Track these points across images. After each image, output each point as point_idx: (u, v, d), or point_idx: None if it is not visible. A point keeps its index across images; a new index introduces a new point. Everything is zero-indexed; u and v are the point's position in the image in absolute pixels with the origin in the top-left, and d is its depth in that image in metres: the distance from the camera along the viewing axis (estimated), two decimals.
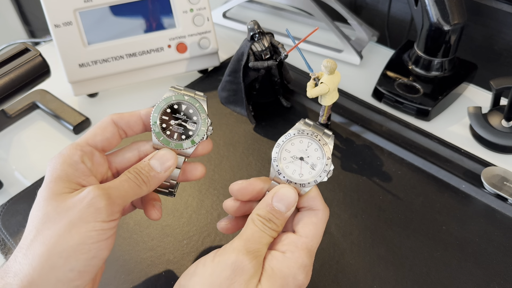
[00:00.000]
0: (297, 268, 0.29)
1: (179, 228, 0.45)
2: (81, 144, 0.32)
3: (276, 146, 0.33)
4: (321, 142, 0.33)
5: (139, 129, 0.36)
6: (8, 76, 0.49)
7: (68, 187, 0.30)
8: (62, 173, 0.30)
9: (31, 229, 0.28)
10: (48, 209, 0.28)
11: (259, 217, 0.31)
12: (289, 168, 0.32)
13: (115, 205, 0.29)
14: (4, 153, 0.56)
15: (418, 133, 0.54)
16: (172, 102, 0.35)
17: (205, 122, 0.34)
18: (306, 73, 0.63)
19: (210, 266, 0.28)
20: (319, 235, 0.31)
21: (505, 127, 0.53)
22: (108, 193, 0.29)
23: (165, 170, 0.33)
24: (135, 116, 0.35)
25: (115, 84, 0.61)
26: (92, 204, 0.28)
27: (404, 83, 0.59)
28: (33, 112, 0.61)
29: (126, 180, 0.31)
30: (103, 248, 0.29)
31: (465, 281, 0.40)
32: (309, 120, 0.34)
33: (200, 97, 0.35)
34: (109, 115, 0.35)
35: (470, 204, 0.47)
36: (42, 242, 0.27)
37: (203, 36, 0.61)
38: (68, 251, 0.27)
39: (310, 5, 0.67)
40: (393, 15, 0.77)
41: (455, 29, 0.56)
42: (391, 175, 0.50)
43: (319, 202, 0.32)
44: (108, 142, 0.34)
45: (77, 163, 0.31)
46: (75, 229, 0.27)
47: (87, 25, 0.57)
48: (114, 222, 0.29)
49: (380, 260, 0.42)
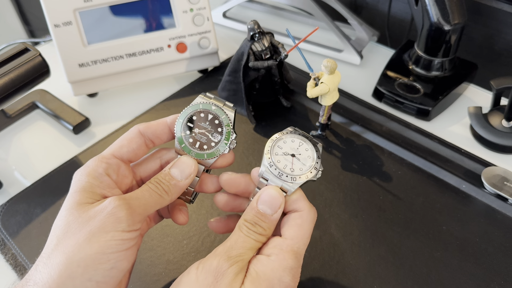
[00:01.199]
0: (282, 270, 0.29)
1: (179, 228, 0.45)
2: (106, 156, 0.32)
3: (269, 141, 0.33)
4: (312, 142, 0.33)
5: (167, 137, 0.35)
6: (8, 76, 0.49)
7: (91, 198, 0.29)
8: (86, 184, 0.30)
9: (53, 239, 0.28)
10: (69, 218, 0.28)
11: (245, 222, 0.31)
12: (281, 162, 0.32)
13: (136, 214, 0.29)
14: (4, 153, 0.56)
15: (418, 133, 0.54)
16: (199, 109, 0.34)
17: (229, 135, 0.33)
18: (306, 73, 0.63)
19: (194, 274, 0.28)
20: (305, 236, 0.31)
21: (505, 127, 0.53)
22: (129, 202, 0.29)
23: (186, 177, 0.32)
24: (162, 124, 0.34)
25: (115, 84, 0.61)
26: (112, 213, 0.28)
27: (405, 83, 0.59)
28: (33, 112, 0.61)
29: (148, 190, 0.31)
30: (122, 258, 0.28)
31: (465, 281, 0.40)
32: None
33: (229, 108, 0.34)
34: (136, 125, 0.34)
35: (471, 204, 0.46)
36: (62, 251, 0.27)
37: (203, 36, 0.61)
38: (86, 261, 0.27)
39: (310, 5, 0.66)
40: (394, 15, 0.76)
41: (455, 29, 0.56)
42: (392, 175, 0.50)
43: (303, 203, 0.32)
44: (134, 154, 0.33)
45: (102, 175, 0.31)
46: (95, 238, 0.27)
47: (87, 25, 0.57)
48: (135, 233, 0.29)
49: (380, 260, 0.42)
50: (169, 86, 0.64)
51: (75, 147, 0.56)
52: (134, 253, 0.30)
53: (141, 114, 0.59)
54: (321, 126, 0.53)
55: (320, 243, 0.43)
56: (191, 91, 0.62)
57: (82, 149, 0.55)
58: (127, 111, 0.60)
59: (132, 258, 0.29)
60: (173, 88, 0.63)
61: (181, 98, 0.61)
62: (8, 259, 0.44)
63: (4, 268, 0.44)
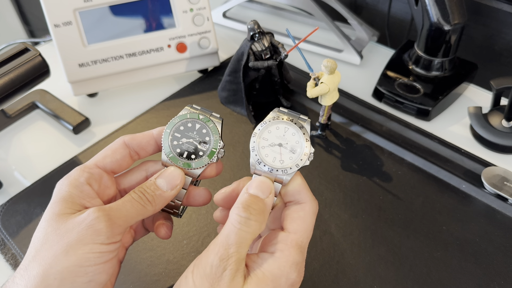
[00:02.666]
0: (289, 267, 0.28)
1: (179, 228, 0.45)
2: (89, 166, 0.32)
3: (252, 135, 0.32)
4: (297, 125, 0.32)
5: (152, 150, 0.34)
6: (8, 76, 0.49)
7: (70, 208, 0.29)
8: (66, 194, 0.29)
9: (31, 250, 0.28)
10: (48, 230, 0.28)
11: (235, 209, 0.29)
12: (269, 156, 0.31)
13: (116, 226, 0.28)
14: (3, 153, 0.56)
15: (418, 133, 0.54)
16: (186, 119, 0.34)
17: (216, 143, 0.33)
18: (306, 73, 0.63)
19: (190, 279, 0.28)
20: (308, 229, 0.30)
21: (505, 127, 0.53)
22: (108, 214, 0.28)
23: (172, 188, 0.31)
24: (148, 136, 0.34)
25: (115, 84, 0.61)
26: (91, 225, 0.27)
27: (405, 83, 0.59)
28: (33, 112, 0.61)
29: (130, 201, 0.30)
30: (100, 271, 0.28)
31: (465, 281, 0.40)
32: (283, 108, 0.34)
33: (216, 118, 0.34)
34: (122, 136, 0.34)
35: (471, 204, 0.46)
36: (38, 263, 0.27)
37: (203, 36, 0.61)
38: (63, 273, 0.26)
39: (310, 5, 0.66)
40: (394, 15, 0.76)
41: (455, 29, 0.56)
42: (391, 175, 0.50)
43: (305, 194, 0.31)
44: (118, 165, 0.33)
45: (83, 185, 0.30)
46: (72, 250, 0.27)
47: (87, 25, 0.57)
48: (114, 245, 0.28)
49: (380, 260, 0.42)
50: (169, 86, 0.64)
51: (75, 147, 0.56)
52: (114, 265, 0.29)
53: (141, 114, 0.59)
54: (321, 126, 0.53)
55: (320, 243, 0.43)
56: (191, 91, 0.62)
57: (82, 149, 0.55)
58: (127, 111, 0.60)
59: (112, 270, 0.29)
60: (173, 88, 0.63)
61: (181, 98, 0.61)
62: (8, 259, 0.44)
63: (4, 268, 0.44)
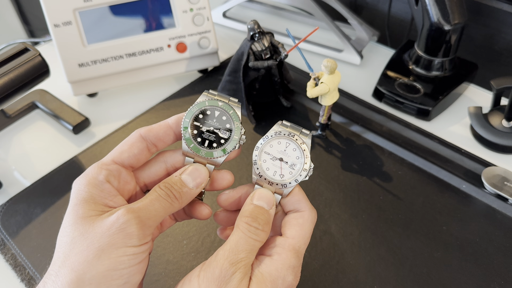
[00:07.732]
0: (286, 269, 0.29)
1: (178, 228, 0.45)
2: (106, 162, 0.31)
3: (255, 149, 0.33)
4: (298, 141, 0.33)
5: (170, 140, 0.34)
6: (8, 76, 0.48)
7: (94, 210, 0.28)
8: (87, 195, 0.29)
9: (59, 255, 0.27)
10: (75, 234, 0.27)
11: (245, 218, 0.30)
12: (270, 170, 0.32)
13: (146, 227, 0.28)
14: (3, 153, 0.56)
15: (418, 133, 0.54)
16: (205, 107, 0.33)
17: (238, 130, 0.33)
18: (306, 73, 0.63)
19: (196, 282, 0.28)
20: (306, 236, 0.31)
21: (505, 127, 0.53)
22: (138, 216, 0.28)
23: (197, 186, 0.31)
24: (165, 127, 0.33)
25: (115, 84, 0.61)
26: (122, 229, 0.27)
27: (405, 83, 0.59)
28: (33, 112, 0.61)
29: (157, 199, 0.30)
30: (135, 272, 0.27)
31: (465, 281, 0.40)
32: (286, 121, 0.34)
33: (234, 103, 0.33)
34: (137, 129, 0.33)
35: (471, 204, 0.46)
36: (71, 269, 0.26)
37: (203, 36, 0.61)
38: (98, 278, 0.26)
39: (310, 5, 0.66)
40: (394, 15, 0.76)
41: (455, 29, 0.56)
42: (392, 175, 0.50)
43: (304, 203, 0.32)
44: (135, 159, 0.32)
45: (102, 183, 0.30)
46: (105, 255, 0.26)
47: (87, 25, 0.57)
48: (146, 246, 0.28)
49: (380, 261, 0.42)
50: (169, 86, 0.64)
51: (75, 147, 0.56)
52: (146, 265, 0.29)
53: (141, 114, 0.59)
54: (321, 126, 0.53)
55: (320, 243, 0.43)
56: (191, 91, 0.62)
57: (82, 149, 0.55)
58: (127, 111, 0.60)
59: (145, 269, 0.29)
60: (173, 88, 0.63)
61: (181, 98, 0.61)
62: (8, 259, 0.44)
63: (4, 268, 0.43)
